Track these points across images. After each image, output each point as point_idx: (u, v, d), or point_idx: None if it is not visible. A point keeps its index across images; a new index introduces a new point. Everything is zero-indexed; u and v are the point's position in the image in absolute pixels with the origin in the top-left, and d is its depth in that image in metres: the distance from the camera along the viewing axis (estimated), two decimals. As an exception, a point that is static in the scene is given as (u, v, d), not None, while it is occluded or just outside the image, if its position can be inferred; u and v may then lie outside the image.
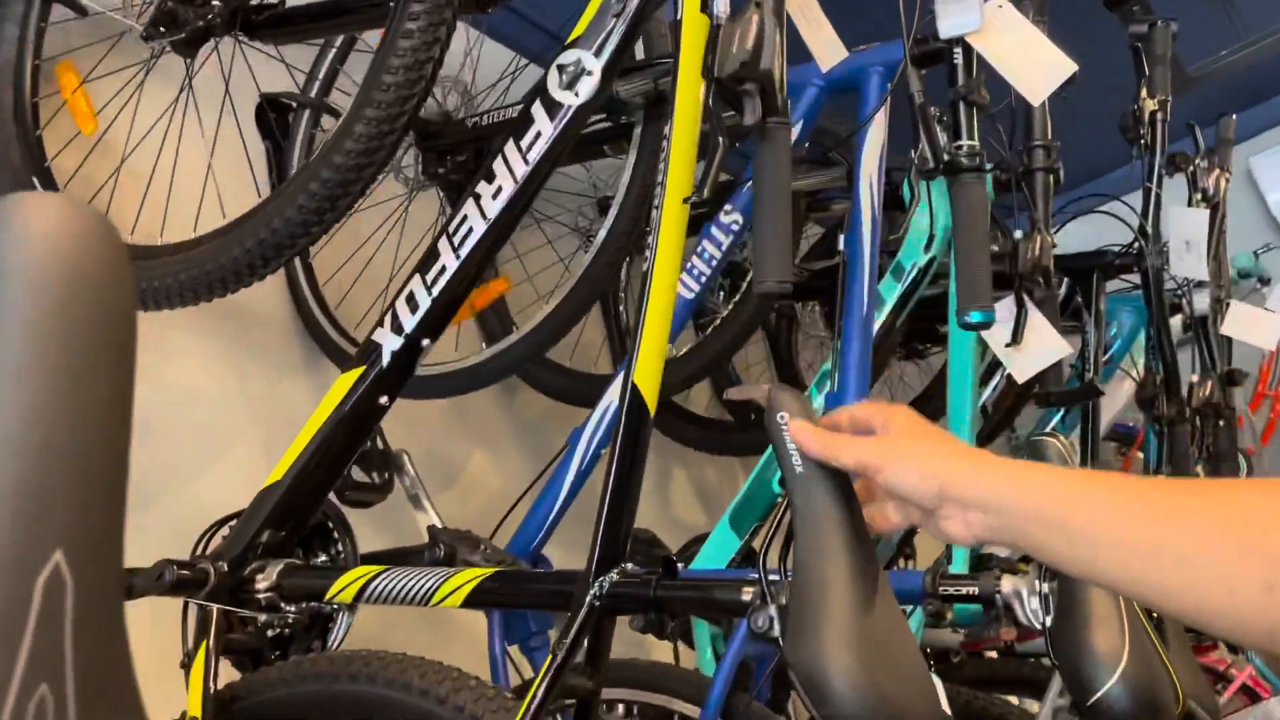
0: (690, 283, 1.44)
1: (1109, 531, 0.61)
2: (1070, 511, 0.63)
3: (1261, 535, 0.55)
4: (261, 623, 1.08)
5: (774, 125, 0.87)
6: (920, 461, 0.70)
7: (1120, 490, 0.63)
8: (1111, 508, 0.61)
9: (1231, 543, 0.56)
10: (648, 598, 0.88)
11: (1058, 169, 1.52)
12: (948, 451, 0.70)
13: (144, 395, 1.36)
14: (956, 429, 1.66)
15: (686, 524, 2.35)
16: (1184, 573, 0.58)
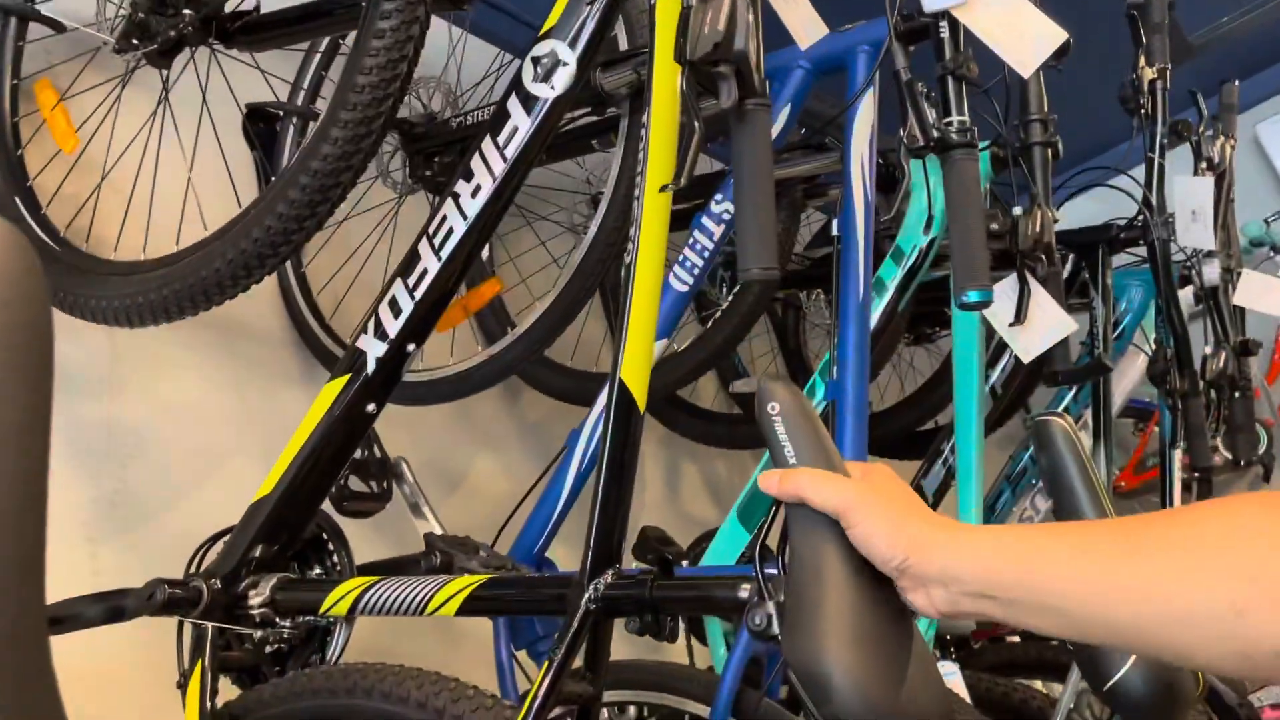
0: (684, 275, 1.41)
1: (1074, 589, 0.60)
2: (1032, 582, 0.62)
3: (1219, 556, 0.54)
4: (258, 639, 1.06)
5: (752, 107, 0.85)
6: (893, 526, 0.69)
7: (1077, 540, 0.62)
8: (1071, 564, 0.61)
9: (1192, 570, 0.55)
10: (644, 599, 0.85)
11: (1056, 143, 1.49)
12: (918, 520, 0.69)
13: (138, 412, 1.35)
14: (964, 412, 1.63)
15: (698, 519, 2.33)
16: (1151, 610, 0.57)
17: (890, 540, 0.68)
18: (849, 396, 1.26)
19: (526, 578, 1.01)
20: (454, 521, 1.50)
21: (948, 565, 0.66)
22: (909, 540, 0.67)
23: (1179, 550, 0.56)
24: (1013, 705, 1.75)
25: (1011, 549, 0.64)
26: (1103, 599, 0.58)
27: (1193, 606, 0.54)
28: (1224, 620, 0.53)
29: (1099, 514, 0.97)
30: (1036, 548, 0.63)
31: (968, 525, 0.69)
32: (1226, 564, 0.54)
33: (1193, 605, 0.54)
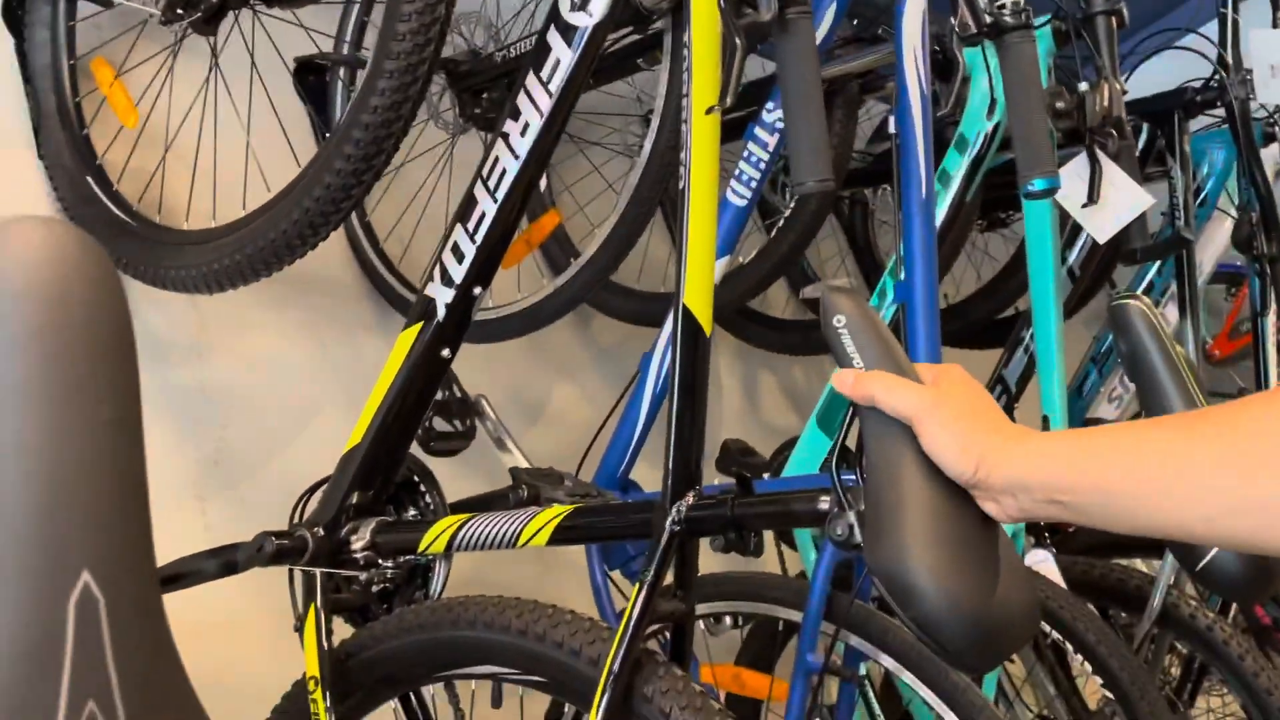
0: (741, 189, 1.40)
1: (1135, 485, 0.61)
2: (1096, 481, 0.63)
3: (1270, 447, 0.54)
4: (364, 580, 1.12)
5: (794, 16, 0.83)
6: (960, 439, 0.70)
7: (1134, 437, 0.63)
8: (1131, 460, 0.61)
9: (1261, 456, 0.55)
10: (726, 518, 0.87)
11: (1120, 9, 1.42)
12: (986, 432, 0.70)
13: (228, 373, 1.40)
14: (1040, 297, 1.60)
15: (779, 428, 2.34)
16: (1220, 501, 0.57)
17: (959, 454, 0.69)
18: (919, 297, 1.25)
19: (611, 505, 1.04)
20: (538, 451, 1.53)
21: (1013, 476, 0.67)
22: (978, 454, 0.68)
23: (1246, 439, 0.56)
24: (1110, 585, 1.75)
25: (1077, 456, 0.65)
26: (1171, 498, 0.59)
27: (1263, 493, 0.54)
28: None
29: (1183, 396, 0.96)
30: (1100, 453, 0.64)
31: (1035, 433, 0.70)
32: None
33: (1264, 492, 0.54)
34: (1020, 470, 0.67)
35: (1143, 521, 0.62)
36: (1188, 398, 0.96)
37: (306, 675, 1.03)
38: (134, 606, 0.39)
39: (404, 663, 1.02)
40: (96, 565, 0.37)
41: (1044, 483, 0.66)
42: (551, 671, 0.91)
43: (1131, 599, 1.71)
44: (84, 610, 0.37)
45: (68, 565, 0.37)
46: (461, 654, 0.98)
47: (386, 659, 1.03)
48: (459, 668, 0.99)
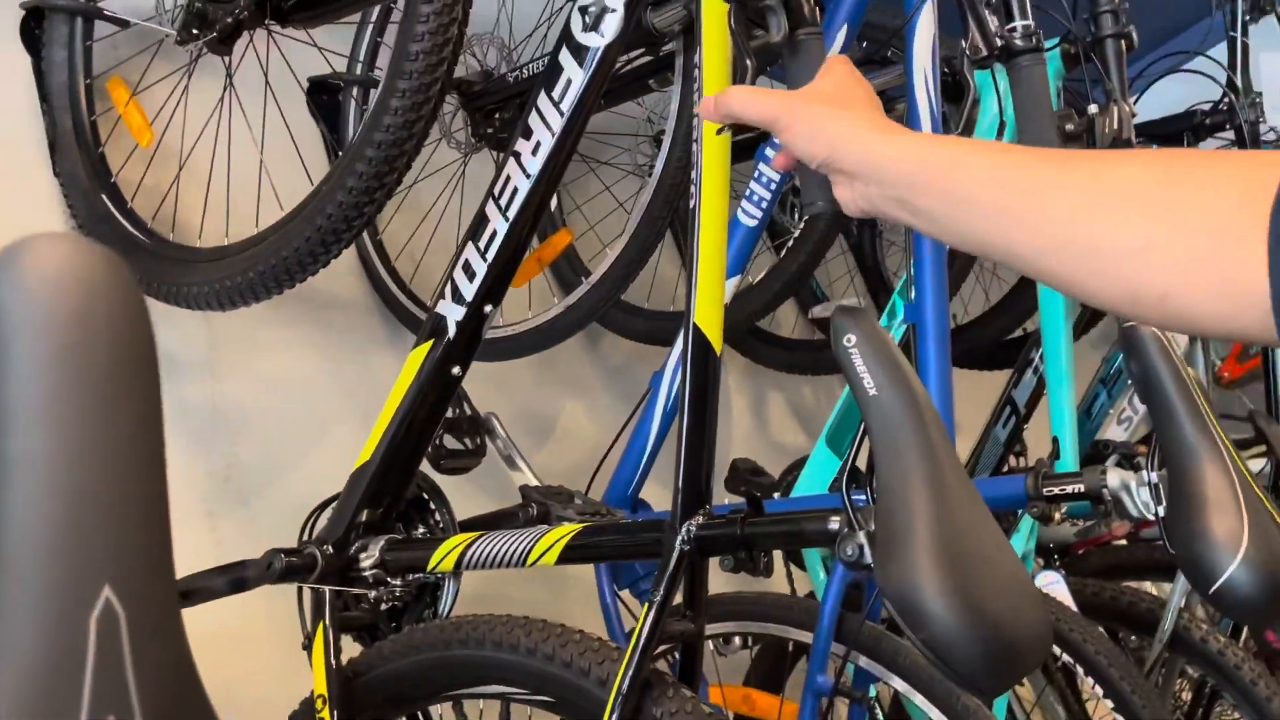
0: (751, 210, 1.40)
1: (990, 199, 0.60)
2: (949, 179, 0.62)
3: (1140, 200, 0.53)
4: (373, 598, 1.12)
5: (804, 37, 0.84)
6: (813, 125, 0.69)
7: (1005, 157, 0.62)
8: (994, 175, 0.60)
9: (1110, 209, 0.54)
10: (735, 537, 0.87)
11: (1129, 32, 1.43)
12: (845, 116, 0.69)
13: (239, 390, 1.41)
14: (1050, 317, 1.59)
15: (788, 448, 2.33)
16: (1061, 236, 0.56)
17: (813, 138, 0.69)
18: (929, 318, 1.25)
19: (621, 524, 1.04)
20: (547, 469, 1.53)
21: (870, 160, 0.66)
22: (833, 135, 0.68)
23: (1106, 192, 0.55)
24: (1121, 608, 1.74)
25: (935, 154, 0.63)
26: (1012, 219, 0.58)
27: (1099, 242, 0.54)
28: (1124, 257, 0.53)
29: (1195, 419, 0.96)
30: (963, 157, 0.62)
31: (906, 130, 0.69)
32: (1141, 208, 0.53)
33: (1099, 240, 0.54)
34: (880, 155, 0.66)
35: (981, 238, 0.61)
36: (1200, 421, 0.95)
37: (314, 693, 1.03)
38: (154, 623, 0.39)
39: (412, 682, 1.01)
40: (118, 581, 0.38)
41: (901, 175, 0.64)
42: (560, 691, 0.91)
43: (1142, 622, 1.70)
44: (105, 626, 0.37)
45: (89, 581, 0.37)
46: (470, 673, 0.98)
47: (394, 678, 1.03)
48: (467, 687, 0.99)
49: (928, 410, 0.77)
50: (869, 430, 0.78)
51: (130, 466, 0.40)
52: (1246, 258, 0.47)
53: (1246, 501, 0.95)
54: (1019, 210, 0.58)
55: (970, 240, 0.62)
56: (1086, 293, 0.56)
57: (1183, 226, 0.51)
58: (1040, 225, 0.57)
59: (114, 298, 0.41)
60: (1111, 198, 0.54)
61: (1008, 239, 0.59)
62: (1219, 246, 0.49)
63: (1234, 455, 0.97)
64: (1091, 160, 0.59)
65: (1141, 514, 1.05)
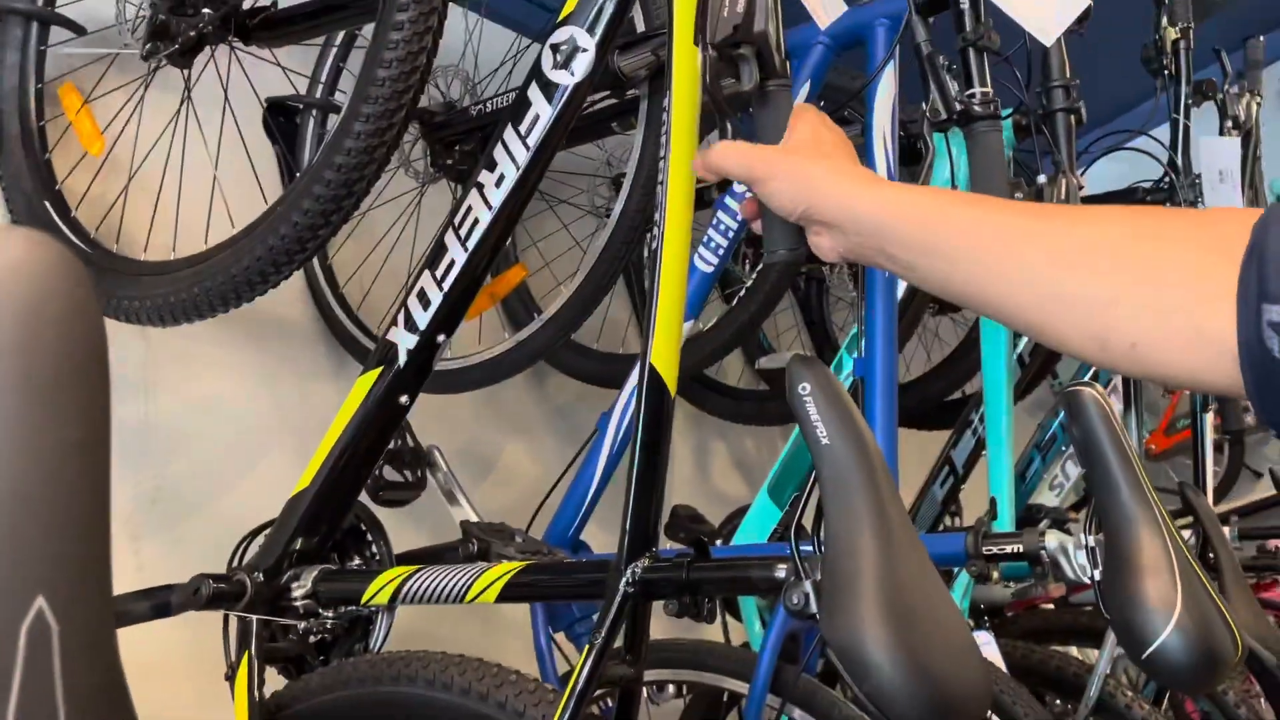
0: (708, 256, 1.41)
1: (965, 250, 0.62)
2: (926, 229, 0.64)
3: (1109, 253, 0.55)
4: (302, 629, 1.08)
5: (774, 88, 0.85)
6: (793, 178, 0.71)
7: (979, 210, 0.64)
8: (969, 227, 0.62)
9: (1080, 261, 0.56)
10: (681, 581, 0.86)
11: (1079, 108, 1.47)
12: (822, 167, 0.71)
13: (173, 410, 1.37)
14: (993, 382, 1.63)
15: (728, 496, 2.33)
16: (1033, 286, 0.58)
17: (791, 193, 0.71)
18: (877, 373, 1.26)
19: (563, 563, 1.02)
20: (487, 506, 1.51)
21: (850, 209, 0.68)
22: (812, 187, 0.70)
23: (1074, 241, 0.57)
24: (1049, 672, 1.75)
25: (913, 205, 0.66)
26: (987, 269, 0.60)
27: (1071, 291, 0.56)
28: (1095, 306, 0.54)
29: (1133, 485, 0.97)
30: (940, 208, 0.64)
31: (875, 175, 0.72)
32: (1113, 260, 0.54)
33: (1072, 290, 0.56)
34: (858, 206, 0.67)
35: (958, 286, 0.63)
36: (1137, 488, 0.97)
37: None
38: (87, 638, 0.37)
39: (340, 717, 0.98)
40: (52, 592, 0.36)
41: (880, 225, 0.66)
42: (493, 733, 0.89)
43: (1069, 686, 1.72)
44: (36, 638, 0.35)
45: (23, 590, 0.35)
46: (400, 711, 0.95)
47: (320, 713, 0.99)
48: (396, 726, 0.96)
49: (878, 462, 0.77)
50: (819, 479, 0.78)
51: (72, 473, 0.38)
52: (1215, 310, 0.49)
53: (1181, 570, 0.96)
54: (994, 260, 0.60)
55: (947, 288, 0.64)
56: (1059, 340, 0.58)
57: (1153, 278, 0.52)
58: (1014, 275, 0.59)
59: (66, 295, 0.39)
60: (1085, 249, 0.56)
61: (982, 287, 0.61)
62: (1188, 298, 0.50)
63: (1169, 524, 0.99)
64: (1065, 213, 0.61)
65: (1078, 577, 1.06)
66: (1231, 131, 1.87)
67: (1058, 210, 0.64)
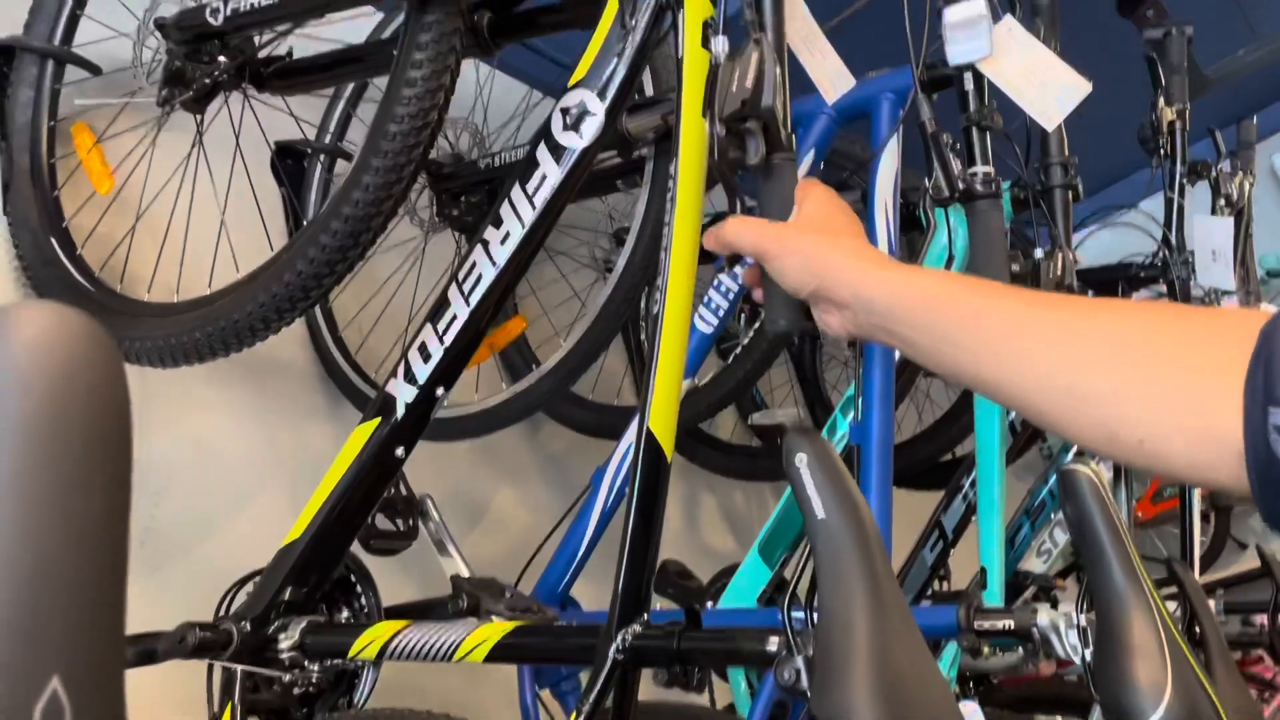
0: (709, 316, 1.42)
1: (973, 336, 0.63)
2: (935, 314, 0.65)
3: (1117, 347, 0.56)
4: (286, 681, 1.07)
5: (779, 162, 0.86)
6: (803, 257, 0.72)
7: (988, 296, 0.64)
8: (978, 313, 0.63)
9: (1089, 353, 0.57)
10: (671, 650, 0.86)
11: (1076, 185, 1.50)
12: (833, 246, 0.72)
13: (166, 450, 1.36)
14: (985, 450, 1.63)
15: (717, 552, 2.33)
16: (1041, 376, 0.59)
17: (801, 271, 0.72)
18: (874, 440, 1.27)
19: (554, 627, 1.02)
20: (477, 554, 1.50)
21: (858, 289, 0.69)
22: (822, 266, 0.71)
23: (1083, 333, 0.57)
24: (1035, 744, 1.75)
25: (922, 289, 0.67)
26: (995, 357, 0.61)
27: (1079, 385, 0.56)
28: (1102, 399, 0.55)
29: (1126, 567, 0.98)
30: (949, 293, 0.65)
31: (884, 256, 0.72)
32: (1122, 355, 0.55)
33: (1080, 383, 0.56)
34: (868, 287, 0.68)
35: (965, 372, 0.64)
36: (1130, 569, 0.97)
37: (214, 778, 0.98)
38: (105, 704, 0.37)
39: (321, 773, 0.97)
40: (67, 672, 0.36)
41: (889, 307, 0.67)
42: (477, 796, 0.88)
43: (1055, 760, 1.71)
44: (50, 719, 0.35)
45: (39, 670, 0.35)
46: (383, 769, 0.94)
47: (303, 768, 0.98)
48: (378, 784, 0.95)
49: (874, 539, 0.78)
50: (814, 552, 0.78)
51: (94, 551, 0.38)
52: (1222, 409, 0.49)
53: (1171, 653, 0.97)
54: (1003, 349, 0.60)
55: (954, 373, 0.65)
56: (1066, 431, 0.58)
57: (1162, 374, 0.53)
58: (1023, 364, 0.59)
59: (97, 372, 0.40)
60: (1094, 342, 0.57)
61: (991, 375, 0.61)
62: (1196, 396, 0.51)
63: (1160, 606, 0.99)
64: (1074, 304, 0.62)
65: (1069, 656, 1.06)
66: (1224, 210, 1.90)
67: (1066, 301, 0.63)
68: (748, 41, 0.85)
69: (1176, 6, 1.88)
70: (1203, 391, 0.51)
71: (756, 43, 0.84)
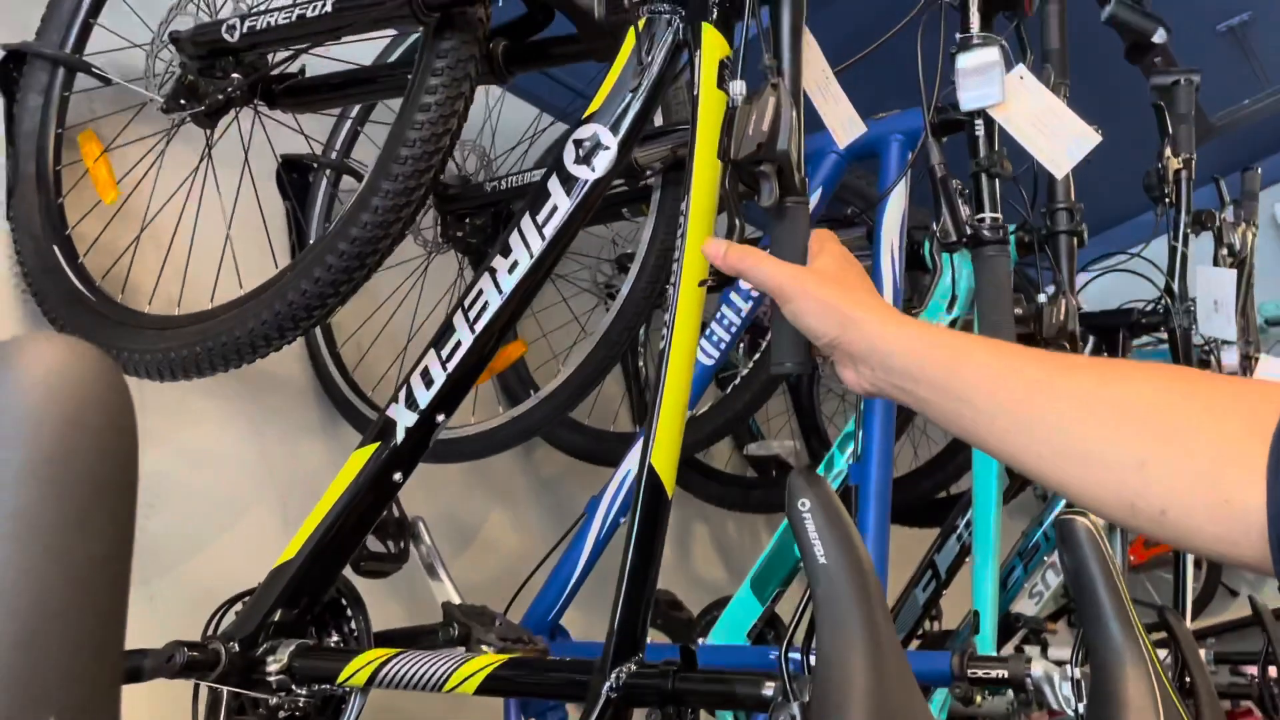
0: (709, 349, 1.42)
1: (990, 398, 0.62)
2: (955, 378, 0.64)
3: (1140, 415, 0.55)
4: (273, 704, 1.06)
5: (791, 205, 0.86)
6: (824, 306, 0.71)
7: (1006, 359, 0.63)
8: (996, 376, 0.62)
9: (1109, 420, 0.56)
10: (665, 690, 0.85)
11: (1081, 231, 1.50)
12: (854, 300, 0.72)
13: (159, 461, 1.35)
14: (983, 488, 1.63)
15: (708, 582, 2.32)
16: (1059, 443, 0.58)
17: (822, 317, 0.71)
18: (872, 482, 1.26)
19: (546, 661, 1.01)
20: (466, 578, 1.49)
21: (882, 346, 0.68)
22: (843, 319, 0.70)
23: (1102, 400, 0.57)
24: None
25: (943, 347, 0.66)
26: (1011, 422, 0.60)
27: (1099, 453, 0.55)
28: (1124, 469, 0.54)
29: (1122, 621, 0.97)
30: (968, 354, 0.64)
31: (902, 315, 0.71)
32: (1143, 424, 0.54)
33: (1099, 452, 0.55)
34: (887, 345, 0.68)
35: (981, 435, 0.63)
36: (1126, 623, 0.97)
37: (196, 801, 0.97)
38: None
39: (305, 801, 0.96)
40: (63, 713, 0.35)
41: (907, 366, 0.66)
42: (462, 832, 0.87)
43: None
44: (42, 763, 0.34)
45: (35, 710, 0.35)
46: (368, 800, 0.93)
47: (286, 794, 0.97)
48: (363, 814, 0.94)
49: (874, 586, 0.77)
50: (814, 596, 0.78)
51: (96, 589, 0.38)
52: (1245, 483, 0.49)
53: (1164, 708, 0.96)
54: (1021, 413, 0.60)
55: (970, 435, 0.64)
56: (1083, 500, 0.57)
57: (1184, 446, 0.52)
58: (1040, 431, 0.59)
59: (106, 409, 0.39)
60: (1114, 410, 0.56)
61: (1006, 440, 0.61)
62: (1219, 469, 0.50)
63: (1155, 660, 0.99)
64: (1093, 368, 0.61)
65: (1062, 708, 1.06)
66: (1226, 259, 1.91)
67: (1085, 365, 0.63)
68: (765, 85, 0.85)
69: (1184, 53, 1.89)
70: (1225, 463, 0.50)
71: (774, 87, 0.84)
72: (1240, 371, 1.92)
